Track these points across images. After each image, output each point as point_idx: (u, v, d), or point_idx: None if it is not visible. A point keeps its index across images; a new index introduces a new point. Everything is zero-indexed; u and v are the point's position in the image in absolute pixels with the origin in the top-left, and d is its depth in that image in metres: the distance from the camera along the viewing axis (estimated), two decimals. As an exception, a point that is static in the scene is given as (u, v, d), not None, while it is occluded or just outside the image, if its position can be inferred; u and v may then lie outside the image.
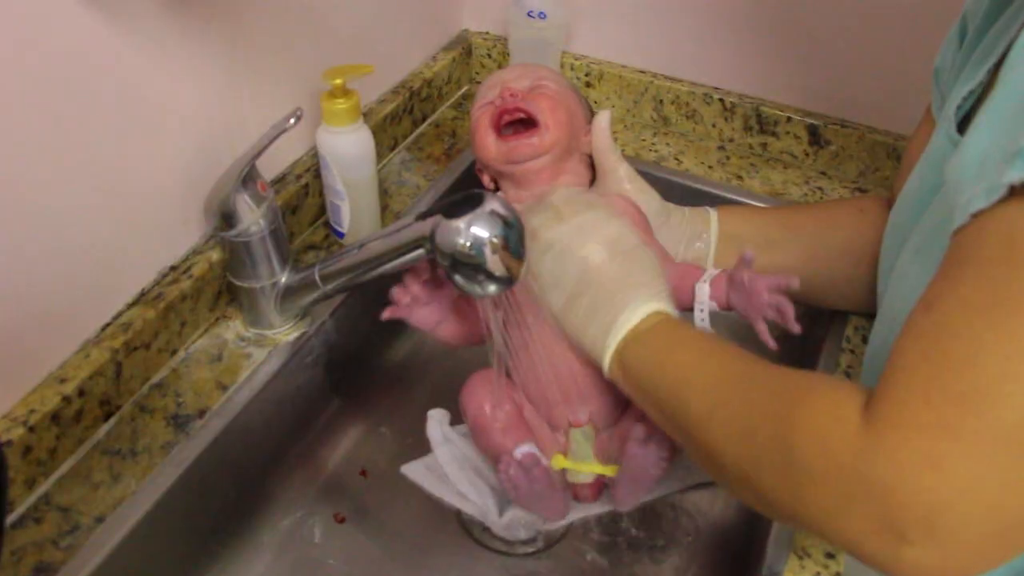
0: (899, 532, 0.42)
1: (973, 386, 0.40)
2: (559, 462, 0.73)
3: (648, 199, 0.80)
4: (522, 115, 0.76)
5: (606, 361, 0.65)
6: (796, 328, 0.67)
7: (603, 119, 0.79)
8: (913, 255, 0.61)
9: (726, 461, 0.52)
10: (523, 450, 0.72)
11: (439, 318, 0.75)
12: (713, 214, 0.83)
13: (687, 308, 0.73)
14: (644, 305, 0.64)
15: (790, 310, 0.67)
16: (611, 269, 0.67)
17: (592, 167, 0.81)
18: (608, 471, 0.73)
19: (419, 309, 0.75)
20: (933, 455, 0.40)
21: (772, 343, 0.69)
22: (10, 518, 0.66)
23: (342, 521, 0.82)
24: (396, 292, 0.74)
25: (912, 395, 0.42)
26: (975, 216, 0.43)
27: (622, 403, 0.74)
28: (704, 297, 0.72)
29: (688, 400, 0.57)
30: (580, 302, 0.67)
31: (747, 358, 0.57)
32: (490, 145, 0.76)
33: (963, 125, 0.64)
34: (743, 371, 0.55)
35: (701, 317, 0.73)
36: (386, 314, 0.74)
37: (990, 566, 0.42)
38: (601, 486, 0.76)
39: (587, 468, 0.73)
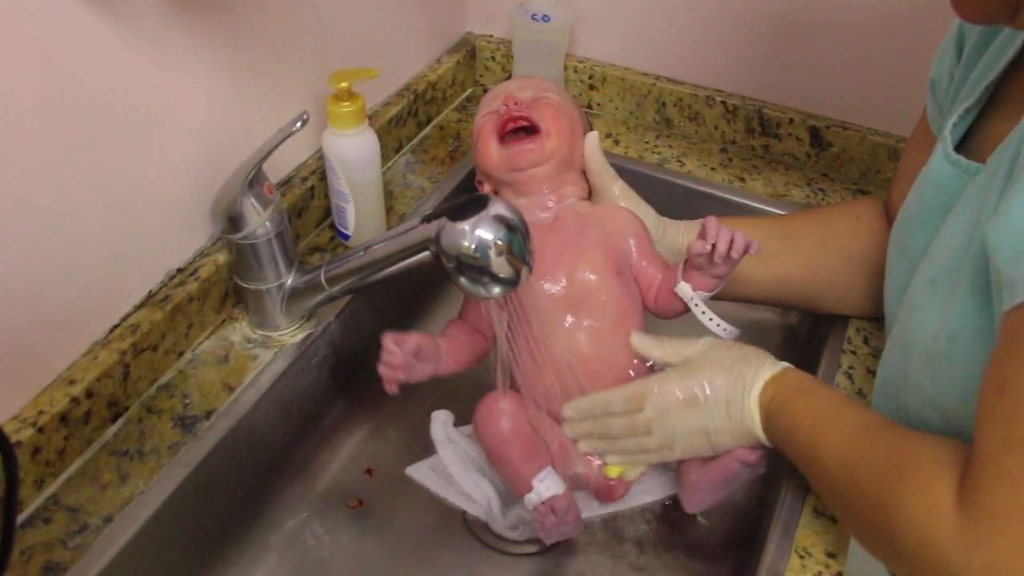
0: None
1: None
2: (612, 471, 0.74)
3: (644, 214, 0.81)
4: (525, 123, 0.76)
5: (760, 436, 0.67)
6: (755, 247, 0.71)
7: (592, 140, 0.79)
8: (928, 286, 0.61)
9: (849, 531, 0.57)
10: (546, 487, 0.72)
11: (432, 368, 0.75)
12: None
13: (684, 311, 0.75)
14: (766, 372, 0.67)
15: (736, 241, 0.71)
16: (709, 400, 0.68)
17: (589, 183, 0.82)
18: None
19: (411, 372, 0.73)
20: None
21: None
22: (20, 518, 0.66)
23: (359, 505, 0.83)
24: (383, 370, 0.72)
25: (999, 482, 0.44)
26: None
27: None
28: (691, 293, 0.73)
29: (811, 475, 0.62)
30: (705, 437, 0.69)
31: (856, 428, 0.59)
32: (492, 152, 0.77)
33: (961, 144, 0.65)
34: (850, 451, 0.58)
35: (709, 317, 0.74)
36: (390, 390, 0.73)
37: None
38: (629, 485, 0.77)
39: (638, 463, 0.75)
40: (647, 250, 0.77)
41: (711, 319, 0.74)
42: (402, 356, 0.71)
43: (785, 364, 0.68)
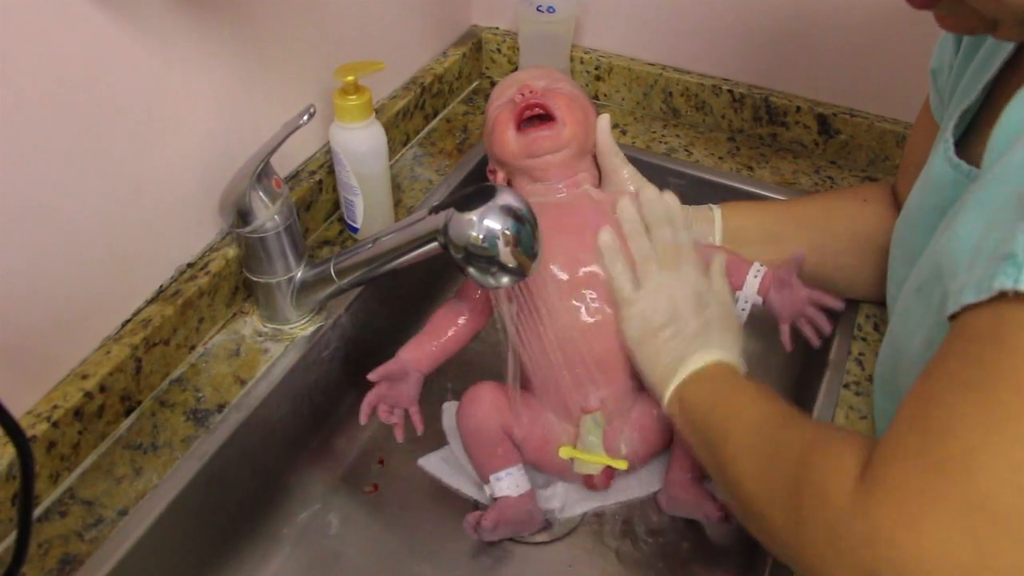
0: None
1: (951, 455, 0.42)
2: (567, 452, 0.74)
3: None
4: (540, 111, 0.77)
5: (667, 395, 0.67)
6: (816, 341, 0.74)
7: (603, 121, 0.80)
8: (915, 292, 0.63)
9: (747, 497, 0.55)
10: (501, 487, 0.76)
11: (416, 378, 0.78)
12: (717, 211, 0.84)
13: None
14: (712, 354, 0.67)
15: (825, 326, 0.75)
16: (694, 318, 0.69)
17: (599, 168, 0.82)
18: (618, 464, 0.74)
19: (400, 397, 0.78)
20: (911, 517, 0.42)
21: (789, 346, 0.73)
22: (36, 512, 0.67)
23: (375, 490, 0.84)
24: (380, 415, 0.78)
25: (897, 458, 0.45)
26: (965, 307, 0.45)
27: (633, 390, 0.75)
28: (752, 291, 0.76)
29: (728, 437, 0.60)
30: (659, 336, 0.69)
31: (785, 409, 0.59)
32: (510, 140, 0.77)
33: (964, 144, 0.65)
34: (780, 419, 0.58)
35: (743, 307, 0.76)
36: (398, 437, 0.79)
37: None
38: (612, 475, 0.77)
39: (595, 459, 0.74)
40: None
41: (743, 311, 0.78)
42: (383, 396, 0.77)
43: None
